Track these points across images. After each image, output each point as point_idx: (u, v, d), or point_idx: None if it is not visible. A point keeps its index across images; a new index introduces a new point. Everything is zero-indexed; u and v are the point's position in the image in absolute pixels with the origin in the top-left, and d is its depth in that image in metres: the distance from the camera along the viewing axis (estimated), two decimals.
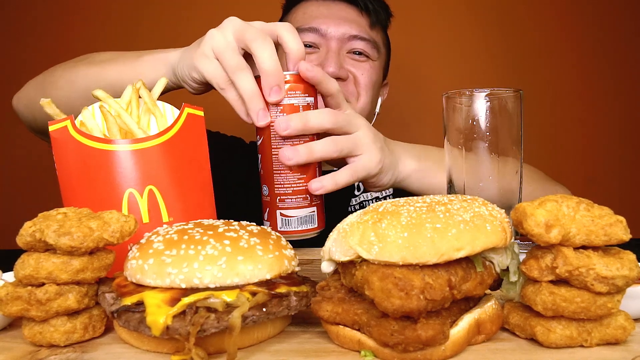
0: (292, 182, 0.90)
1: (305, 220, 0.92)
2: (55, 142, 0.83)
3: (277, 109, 0.88)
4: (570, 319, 0.64)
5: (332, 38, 1.41)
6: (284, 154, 0.87)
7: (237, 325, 0.61)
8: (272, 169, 0.91)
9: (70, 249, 0.64)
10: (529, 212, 0.63)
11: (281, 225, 0.91)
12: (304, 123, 0.88)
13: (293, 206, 0.91)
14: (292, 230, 0.91)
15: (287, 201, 0.91)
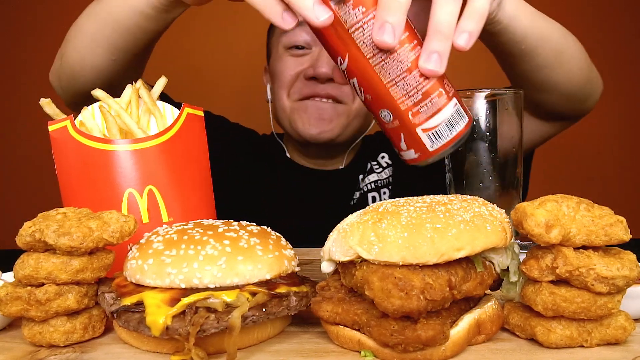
0: (416, 83, 0.71)
1: (454, 119, 0.73)
2: (55, 142, 0.83)
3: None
4: (571, 319, 0.64)
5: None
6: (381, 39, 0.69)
7: (237, 325, 0.61)
8: (382, 84, 0.72)
9: (69, 249, 0.64)
10: (529, 212, 0.63)
11: (431, 143, 0.73)
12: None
13: (432, 111, 0.72)
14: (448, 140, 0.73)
15: (423, 110, 0.72)
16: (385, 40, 0.69)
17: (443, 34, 0.70)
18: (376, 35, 0.69)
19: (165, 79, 0.92)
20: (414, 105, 0.71)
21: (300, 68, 1.42)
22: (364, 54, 0.71)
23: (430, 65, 0.70)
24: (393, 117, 0.73)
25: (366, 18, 0.70)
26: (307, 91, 1.41)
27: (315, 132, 1.42)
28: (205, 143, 0.89)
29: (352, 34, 0.71)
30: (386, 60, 0.71)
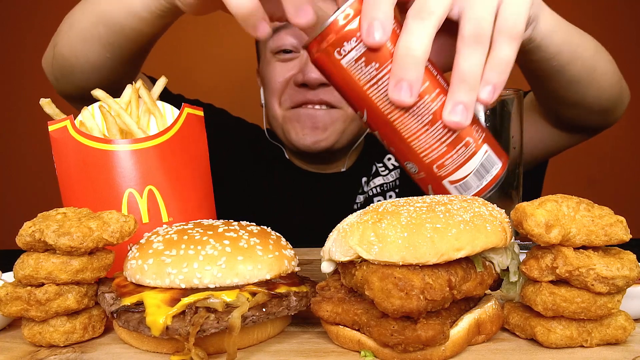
0: (438, 137, 0.69)
1: (484, 168, 0.70)
2: (55, 142, 0.83)
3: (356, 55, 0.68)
4: (571, 319, 0.64)
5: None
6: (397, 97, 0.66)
7: (236, 325, 0.61)
8: (403, 138, 0.70)
9: (69, 249, 0.64)
10: (529, 212, 0.63)
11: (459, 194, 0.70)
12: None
13: (459, 163, 0.69)
14: (479, 189, 0.71)
15: (448, 162, 0.69)
16: (402, 99, 0.66)
17: (469, 85, 0.67)
18: (392, 93, 0.67)
19: (165, 79, 0.92)
20: (439, 158, 0.69)
21: (290, 74, 1.36)
22: (381, 110, 0.69)
23: (456, 118, 0.67)
24: (418, 170, 0.71)
25: (380, 74, 0.68)
26: (298, 98, 1.35)
27: (309, 142, 1.37)
28: (205, 143, 0.89)
29: (367, 91, 0.69)
30: (405, 115, 0.69)
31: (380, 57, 0.67)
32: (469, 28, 0.67)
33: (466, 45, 0.67)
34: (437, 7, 0.66)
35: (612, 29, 2.41)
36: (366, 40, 0.66)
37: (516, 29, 0.68)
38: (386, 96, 0.68)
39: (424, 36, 0.65)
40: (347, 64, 0.68)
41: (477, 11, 0.67)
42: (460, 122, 0.67)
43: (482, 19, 0.66)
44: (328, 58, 0.69)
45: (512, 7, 0.68)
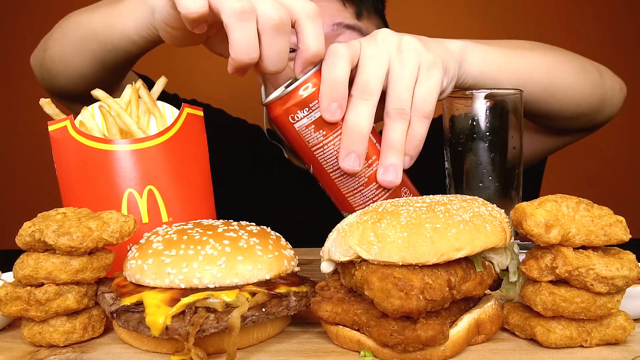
0: (372, 195, 0.82)
1: None
2: (55, 142, 0.83)
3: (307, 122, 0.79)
4: (570, 319, 0.64)
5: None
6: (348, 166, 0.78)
7: (236, 325, 0.61)
8: (342, 194, 0.83)
9: (69, 249, 0.64)
10: (528, 212, 0.63)
11: None
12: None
13: None
14: None
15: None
16: (351, 167, 0.78)
17: (396, 150, 0.79)
18: (342, 163, 0.78)
19: (165, 79, 0.92)
20: None
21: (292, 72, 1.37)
22: (325, 169, 0.81)
23: (388, 177, 0.79)
24: None
25: (326, 140, 0.79)
26: None
27: None
28: (205, 143, 0.89)
29: (314, 152, 0.80)
30: (345, 176, 0.81)
31: (328, 127, 0.79)
32: (393, 106, 0.79)
33: (391, 120, 0.79)
34: (376, 88, 0.79)
35: (612, 29, 2.41)
36: (325, 116, 0.78)
37: (425, 109, 0.80)
38: (330, 159, 0.80)
39: (367, 113, 0.78)
40: (298, 128, 0.80)
41: (398, 91, 0.79)
42: (392, 181, 0.79)
43: (402, 99, 0.79)
44: (284, 120, 0.81)
45: (422, 89, 0.80)
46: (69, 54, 1.08)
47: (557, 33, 2.32)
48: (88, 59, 1.05)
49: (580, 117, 1.13)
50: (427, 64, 0.81)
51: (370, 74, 0.79)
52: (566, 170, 2.44)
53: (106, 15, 1.00)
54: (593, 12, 2.43)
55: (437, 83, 0.81)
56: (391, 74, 0.80)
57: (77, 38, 1.06)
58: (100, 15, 1.02)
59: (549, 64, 1.04)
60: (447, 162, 0.92)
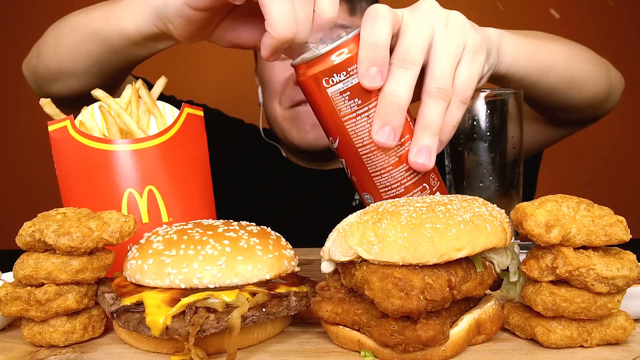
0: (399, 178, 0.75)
1: None
2: (55, 142, 0.83)
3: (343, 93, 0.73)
4: (571, 319, 0.64)
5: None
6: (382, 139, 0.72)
7: (236, 325, 0.61)
8: (368, 172, 0.76)
9: (69, 249, 0.64)
10: (529, 212, 0.63)
11: None
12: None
13: None
14: None
15: None
16: (385, 142, 0.72)
17: (432, 131, 0.74)
18: (375, 135, 0.72)
19: (165, 79, 0.92)
20: (396, 196, 0.74)
21: (289, 73, 1.37)
22: (353, 142, 0.74)
23: (421, 159, 0.73)
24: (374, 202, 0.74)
25: (360, 110, 0.73)
26: (298, 97, 1.36)
27: (312, 139, 1.39)
28: (205, 143, 0.89)
29: (344, 122, 0.74)
30: (375, 152, 0.74)
31: (364, 95, 0.72)
32: (434, 84, 0.74)
33: (431, 98, 0.74)
34: (418, 57, 0.73)
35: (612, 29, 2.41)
36: (363, 82, 0.72)
37: (465, 94, 0.76)
38: (361, 131, 0.73)
39: (407, 85, 0.72)
40: (331, 94, 0.73)
41: (441, 69, 0.74)
42: (425, 164, 0.73)
43: (444, 78, 0.74)
44: (315, 83, 0.74)
45: (465, 72, 0.76)
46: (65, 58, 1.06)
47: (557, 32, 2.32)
48: (85, 61, 1.03)
49: (591, 108, 1.14)
50: (473, 45, 0.77)
51: (413, 42, 0.73)
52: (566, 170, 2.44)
53: (105, 15, 0.98)
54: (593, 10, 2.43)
55: (480, 67, 0.77)
56: (434, 49, 0.75)
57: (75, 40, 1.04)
58: (99, 15, 1.00)
59: (570, 55, 1.04)
60: (447, 160, 0.92)
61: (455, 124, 0.77)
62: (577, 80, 1.04)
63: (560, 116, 1.16)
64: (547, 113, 1.15)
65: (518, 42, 0.91)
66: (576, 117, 1.18)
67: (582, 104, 1.10)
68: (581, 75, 1.05)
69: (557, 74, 1.00)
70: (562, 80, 1.01)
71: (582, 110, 1.13)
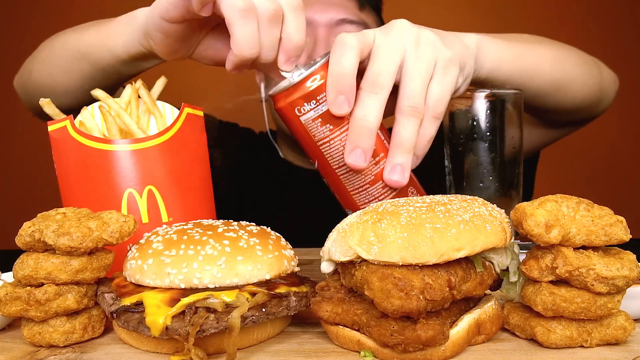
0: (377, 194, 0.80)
1: None
2: (55, 142, 0.83)
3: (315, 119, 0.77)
4: (571, 320, 0.64)
5: (319, 25, 1.35)
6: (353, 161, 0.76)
7: (236, 325, 0.61)
8: (347, 191, 0.81)
9: (69, 249, 0.64)
10: (528, 212, 0.63)
11: None
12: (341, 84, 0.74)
13: None
14: None
15: None
16: (356, 163, 0.75)
17: (405, 149, 0.77)
18: (347, 158, 0.76)
19: (165, 79, 0.92)
20: None
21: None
22: (330, 164, 0.79)
23: (394, 177, 0.77)
24: None
25: (333, 135, 0.77)
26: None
27: None
28: (205, 143, 0.89)
29: (320, 147, 0.78)
30: (351, 173, 0.79)
31: (335, 121, 0.76)
32: (406, 103, 0.77)
33: (403, 117, 0.77)
34: (387, 82, 0.76)
35: (612, 29, 2.41)
36: (332, 109, 0.75)
37: (438, 110, 0.78)
38: (336, 154, 0.78)
39: (376, 108, 0.75)
40: (305, 121, 0.77)
41: (412, 87, 0.77)
42: (398, 181, 0.77)
43: (416, 96, 0.77)
44: (289, 112, 0.78)
45: (437, 88, 0.78)
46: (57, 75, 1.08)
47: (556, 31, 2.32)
48: (76, 78, 1.06)
49: (582, 110, 1.14)
50: (444, 61, 0.79)
51: (382, 66, 0.76)
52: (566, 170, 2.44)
53: (95, 35, 1.02)
54: (593, 10, 2.43)
55: (452, 82, 0.79)
56: (406, 69, 0.77)
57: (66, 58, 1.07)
58: (90, 35, 1.03)
59: (556, 58, 1.04)
60: (447, 160, 0.92)
61: (430, 138, 0.80)
62: (564, 83, 1.05)
63: (552, 118, 1.17)
64: (538, 115, 1.16)
65: (500, 46, 0.92)
66: (568, 118, 1.18)
67: (572, 106, 1.10)
68: (568, 78, 1.05)
69: (542, 78, 1.00)
70: (548, 84, 1.02)
71: (572, 112, 1.13)
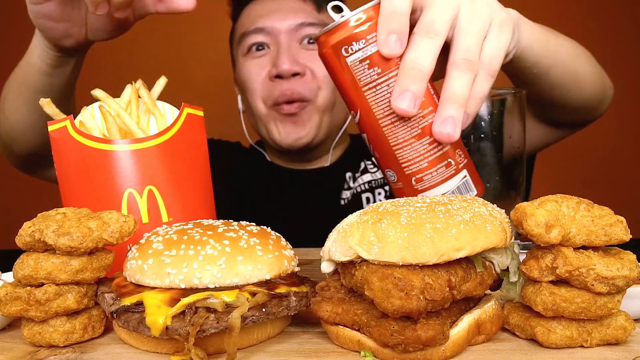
0: (423, 152, 0.72)
1: (459, 192, 0.73)
2: (55, 142, 0.83)
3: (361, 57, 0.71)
4: (571, 319, 0.64)
5: (280, 32, 1.40)
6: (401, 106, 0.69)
7: (236, 325, 0.61)
8: (389, 146, 0.73)
9: (69, 249, 0.64)
10: (529, 212, 0.63)
11: None
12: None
13: (436, 181, 0.72)
14: None
15: (427, 178, 0.72)
16: (405, 108, 0.69)
17: (458, 103, 0.71)
18: (395, 102, 0.69)
19: (165, 79, 0.92)
20: (419, 172, 0.72)
21: (265, 71, 1.42)
22: (374, 114, 0.72)
23: (446, 129, 0.70)
24: (397, 179, 0.74)
25: (380, 79, 0.71)
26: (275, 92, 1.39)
27: (292, 139, 1.42)
28: (205, 143, 0.89)
29: (364, 93, 0.72)
30: (396, 124, 0.72)
31: (384, 64, 0.71)
32: (460, 56, 0.72)
33: (458, 69, 0.71)
34: (443, 29, 0.71)
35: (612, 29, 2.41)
36: (382, 49, 0.70)
37: (493, 67, 0.74)
38: (382, 101, 0.71)
39: (430, 52, 0.70)
40: (351, 63, 0.71)
41: (467, 42, 0.72)
42: (450, 134, 0.70)
43: (471, 50, 0.72)
44: (335, 54, 0.72)
45: (492, 45, 0.74)
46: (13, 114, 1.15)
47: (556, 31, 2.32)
48: (26, 108, 1.12)
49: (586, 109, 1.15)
50: (499, 20, 0.75)
51: (437, 15, 0.72)
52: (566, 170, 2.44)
53: (24, 60, 1.09)
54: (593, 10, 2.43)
55: (507, 42, 0.76)
56: (460, 23, 0.73)
57: (13, 95, 1.14)
58: (22, 63, 1.10)
59: (573, 51, 1.05)
60: None
61: (482, 97, 0.74)
62: (580, 77, 1.05)
63: (557, 115, 1.17)
64: (546, 111, 1.16)
65: (533, 28, 0.91)
66: (572, 117, 1.19)
67: (580, 103, 1.11)
68: (583, 73, 1.06)
69: (563, 67, 1.00)
70: (567, 75, 1.02)
71: (579, 110, 1.14)
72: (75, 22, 0.96)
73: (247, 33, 1.43)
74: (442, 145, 0.72)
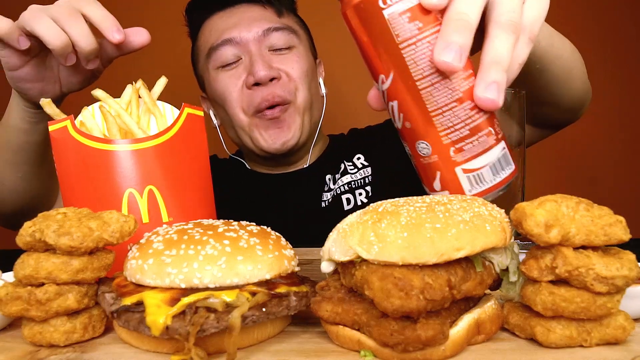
0: (463, 118, 0.65)
1: (500, 164, 0.67)
2: (55, 142, 0.83)
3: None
4: (570, 319, 0.64)
5: (249, 41, 1.42)
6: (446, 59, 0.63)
7: (236, 325, 0.61)
8: (427, 112, 0.66)
9: (70, 249, 0.64)
10: (528, 212, 0.63)
11: (470, 187, 0.66)
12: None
13: (478, 151, 0.66)
14: (489, 187, 0.66)
15: (468, 147, 0.65)
16: (450, 61, 0.63)
17: (501, 66, 0.66)
18: (440, 55, 0.63)
19: (165, 79, 0.92)
20: (459, 140, 0.66)
21: (241, 80, 1.42)
22: (412, 75, 0.65)
23: (490, 95, 0.65)
24: (432, 151, 0.67)
25: (422, 35, 0.65)
26: (255, 100, 1.40)
27: (279, 144, 1.43)
28: (205, 143, 0.90)
29: (402, 50, 0.65)
30: (436, 86, 0.65)
31: (425, 18, 0.64)
32: (506, 16, 0.66)
33: (503, 30, 0.66)
34: None
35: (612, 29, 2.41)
36: (425, 2, 0.64)
37: (533, 32, 0.70)
38: (421, 60, 0.65)
39: (476, 5, 0.65)
40: (389, 16, 0.64)
41: (510, 3, 0.67)
42: (494, 100, 0.65)
43: (516, 11, 0.67)
44: (370, 6, 0.65)
45: (533, 8, 0.70)
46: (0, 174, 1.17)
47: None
48: (8, 169, 1.15)
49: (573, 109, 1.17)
50: None
51: None
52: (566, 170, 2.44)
53: (3, 122, 1.12)
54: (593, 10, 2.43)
55: (546, 8, 0.72)
56: None
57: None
58: (1, 123, 1.13)
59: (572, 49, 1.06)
60: None
61: (522, 62, 0.69)
62: (573, 75, 1.07)
63: (545, 115, 1.19)
64: (534, 110, 1.17)
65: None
66: (558, 117, 1.21)
67: (570, 103, 1.12)
68: (577, 71, 1.08)
69: (563, 62, 1.01)
70: (563, 73, 1.03)
71: (567, 109, 1.16)
72: (49, 80, 1.04)
73: (217, 46, 1.44)
74: (484, 112, 0.66)
